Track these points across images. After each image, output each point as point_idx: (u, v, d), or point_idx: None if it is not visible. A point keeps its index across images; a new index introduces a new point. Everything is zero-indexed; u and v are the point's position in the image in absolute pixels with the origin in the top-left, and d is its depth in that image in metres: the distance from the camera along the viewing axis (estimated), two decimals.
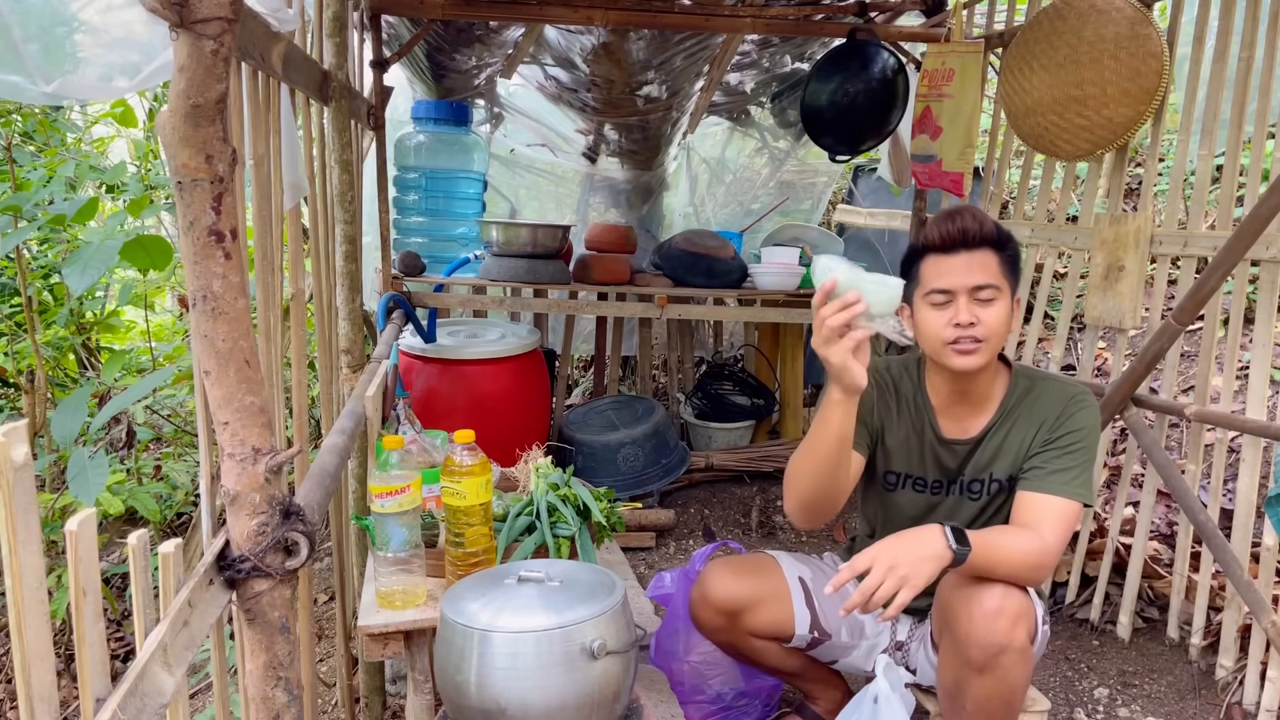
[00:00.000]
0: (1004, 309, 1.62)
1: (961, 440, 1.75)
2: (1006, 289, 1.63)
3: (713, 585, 1.82)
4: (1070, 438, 1.64)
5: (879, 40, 3.12)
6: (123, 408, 2.45)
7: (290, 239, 1.86)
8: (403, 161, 3.59)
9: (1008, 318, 1.63)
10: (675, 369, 4.23)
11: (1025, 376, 1.74)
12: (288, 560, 1.07)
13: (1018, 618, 1.48)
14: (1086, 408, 1.67)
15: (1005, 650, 1.47)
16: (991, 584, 1.50)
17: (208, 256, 0.95)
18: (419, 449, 1.91)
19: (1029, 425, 1.69)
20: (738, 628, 1.82)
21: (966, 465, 1.75)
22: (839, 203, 4.93)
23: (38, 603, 0.74)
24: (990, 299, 1.60)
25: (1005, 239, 1.64)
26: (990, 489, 1.74)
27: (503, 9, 3.06)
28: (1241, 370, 2.98)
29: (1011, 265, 1.65)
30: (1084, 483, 1.62)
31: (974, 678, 1.51)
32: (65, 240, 3.28)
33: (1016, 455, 1.69)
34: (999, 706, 1.53)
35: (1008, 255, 1.64)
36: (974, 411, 1.74)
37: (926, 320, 1.64)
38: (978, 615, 1.48)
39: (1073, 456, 1.63)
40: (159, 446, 3.74)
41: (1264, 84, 2.11)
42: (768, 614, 1.81)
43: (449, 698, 1.41)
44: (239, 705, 1.24)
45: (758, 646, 1.86)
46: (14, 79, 1.14)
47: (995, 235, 1.62)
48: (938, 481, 1.78)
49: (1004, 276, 1.62)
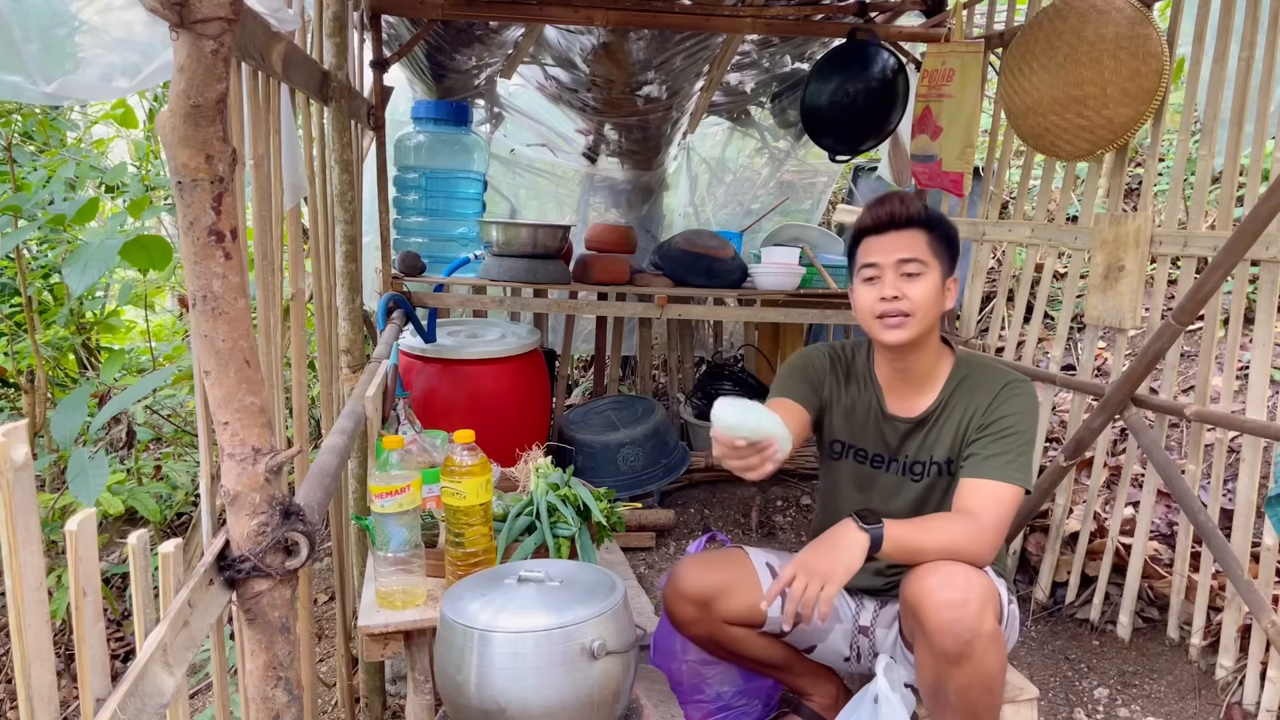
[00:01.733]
0: (931, 284, 1.68)
1: (905, 418, 1.82)
2: (935, 266, 1.69)
3: (682, 578, 1.84)
4: (1003, 423, 1.69)
5: (879, 40, 3.12)
6: (123, 408, 2.45)
7: (290, 239, 1.86)
8: (403, 161, 3.59)
9: (936, 294, 1.69)
10: (675, 369, 4.23)
11: (966, 363, 1.81)
12: (288, 560, 1.07)
13: (984, 603, 1.52)
14: (1019, 394, 1.73)
15: (976, 636, 1.50)
16: (952, 573, 1.54)
17: (208, 256, 0.95)
18: (419, 449, 1.92)
19: (964, 411, 1.75)
20: (711, 616, 1.83)
21: (908, 444, 1.82)
22: (839, 203, 4.93)
23: (38, 603, 0.74)
24: (916, 273, 1.68)
25: (935, 220, 1.72)
26: (930, 471, 1.80)
27: (503, 9, 3.06)
28: (1241, 370, 2.98)
29: (944, 245, 1.71)
30: (1019, 466, 1.67)
31: (951, 669, 1.53)
32: (65, 240, 3.28)
33: (953, 440, 1.76)
34: (980, 694, 1.55)
35: (938, 235, 1.71)
36: (917, 391, 1.81)
37: (859, 297, 1.74)
38: (944, 606, 1.50)
39: (1006, 441, 1.68)
40: (159, 446, 3.74)
41: (1264, 84, 2.11)
42: (738, 599, 1.83)
43: (449, 698, 1.42)
44: (239, 705, 1.24)
45: (736, 635, 1.86)
46: (14, 79, 1.14)
47: (923, 216, 1.71)
48: (878, 456, 1.85)
49: (932, 254, 1.69)
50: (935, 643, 1.52)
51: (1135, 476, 2.75)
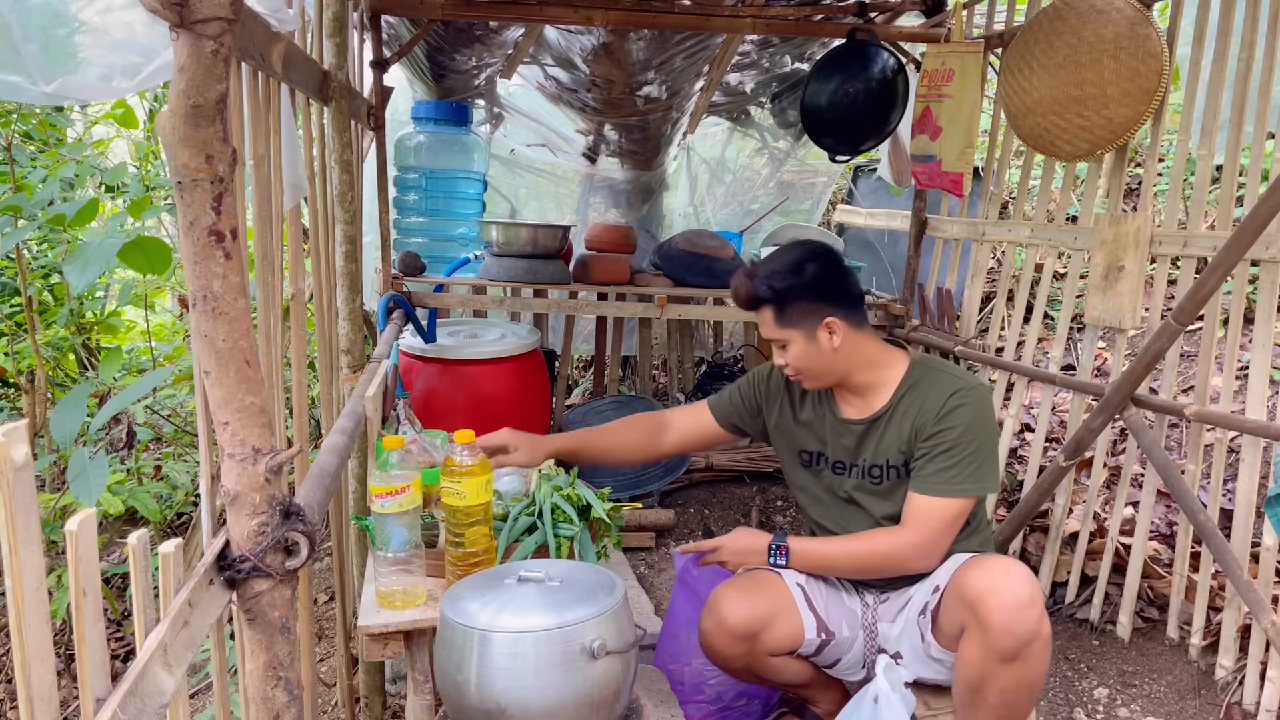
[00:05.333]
0: (798, 349, 1.79)
1: (856, 421, 1.86)
2: (795, 333, 1.78)
3: (728, 611, 1.77)
4: (946, 435, 1.72)
5: (879, 40, 3.12)
6: (122, 407, 2.45)
7: (290, 239, 1.85)
8: (403, 161, 3.59)
9: (807, 352, 1.79)
10: (675, 369, 4.22)
11: (921, 366, 1.84)
12: (288, 560, 1.07)
13: (1043, 606, 1.56)
14: (965, 404, 1.74)
15: (1035, 639, 1.53)
16: (1018, 573, 1.57)
17: (208, 256, 0.95)
18: (419, 449, 1.91)
19: (911, 416, 1.78)
20: (756, 650, 1.80)
21: (864, 447, 1.84)
22: (839, 203, 4.93)
23: (38, 603, 0.74)
24: (782, 344, 1.81)
25: (771, 293, 1.77)
26: (890, 475, 1.82)
27: (503, 9, 3.06)
28: (1241, 370, 2.98)
29: (797, 305, 1.77)
30: (964, 477, 1.70)
31: (1002, 669, 1.54)
32: (65, 241, 3.28)
33: (904, 442, 1.78)
34: (1023, 696, 1.58)
35: (782, 304, 1.77)
36: (868, 396, 1.85)
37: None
38: (1012, 605, 1.52)
39: (949, 455, 1.71)
40: (159, 446, 3.74)
41: (1264, 84, 2.11)
42: (783, 629, 1.81)
43: (449, 698, 1.41)
44: (239, 705, 1.24)
45: (775, 665, 1.84)
46: (14, 79, 1.13)
47: (760, 295, 1.78)
48: (840, 462, 1.90)
49: (787, 325, 1.78)
50: (994, 641, 1.53)
51: (1135, 476, 2.75)
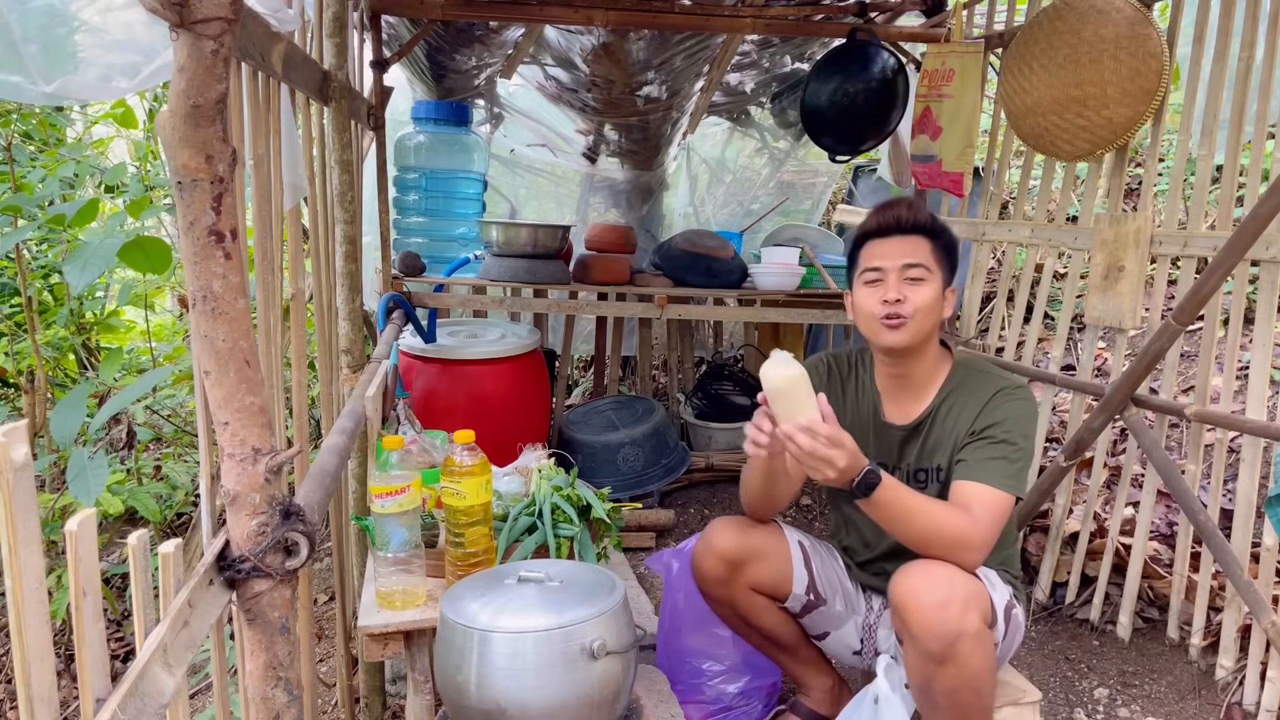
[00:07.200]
0: (932, 291, 1.70)
1: (901, 425, 1.81)
2: (937, 273, 1.71)
3: (718, 536, 1.84)
4: (996, 429, 1.68)
5: (879, 40, 3.12)
6: (122, 406, 2.45)
7: (290, 239, 1.86)
8: (403, 161, 3.59)
9: (936, 301, 1.71)
10: (675, 369, 4.22)
11: (964, 367, 1.80)
12: (288, 560, 1.07)
13: (967, 604, 1.51)
14: (1015, 399, 1.71)
15: (960, 637, 1.49)
16: (935, 573, 1.53)
17: (208, 256, 0.95)
18: (419, 449, 1.92)
19: (959, 415, 1.74)
20: (738, 580, 1.83)
21: (908, 450, 1.81)
22: (839, 203, 4.93)
23: (38, 603, 0.74)
24: (919, 278, 1.69)
25: (939, 229, 1.74)
26: (936, 477, 1.79)
27: (503, 9, 3.06)
28: (1241, 370, 2.98)
29: (945, 254, 1.73)
30: (1013, 474, 1.64)
31: (936, 670, 1.53)
32: (65, 240, 3.28)
33: (951, 445, 1.74)
34: (968, 696, 1.55)
35: (941, 244, 1.73)
36: (914, 397, 1.81)
37: (861, 299, 1.75)
38: (927, 607, 1.50)
39: (1001, 448, 1.66)
40: (159, 446, 3.73)
41: (1264, 84, 2.11)
42: (769, 567, 1.83)
43: (449, 698, 1.42)
44: (239, 705, 1.24)
45: (757, 605, 1.86)
46: (14, 79, 1.13)
47: (929, 223, 1.73)
48: (882, 464, 1.83)
49: (935, 261, 1.71)
50: (919, 643, 1.53)
51: (1135, 476, 2.75)
